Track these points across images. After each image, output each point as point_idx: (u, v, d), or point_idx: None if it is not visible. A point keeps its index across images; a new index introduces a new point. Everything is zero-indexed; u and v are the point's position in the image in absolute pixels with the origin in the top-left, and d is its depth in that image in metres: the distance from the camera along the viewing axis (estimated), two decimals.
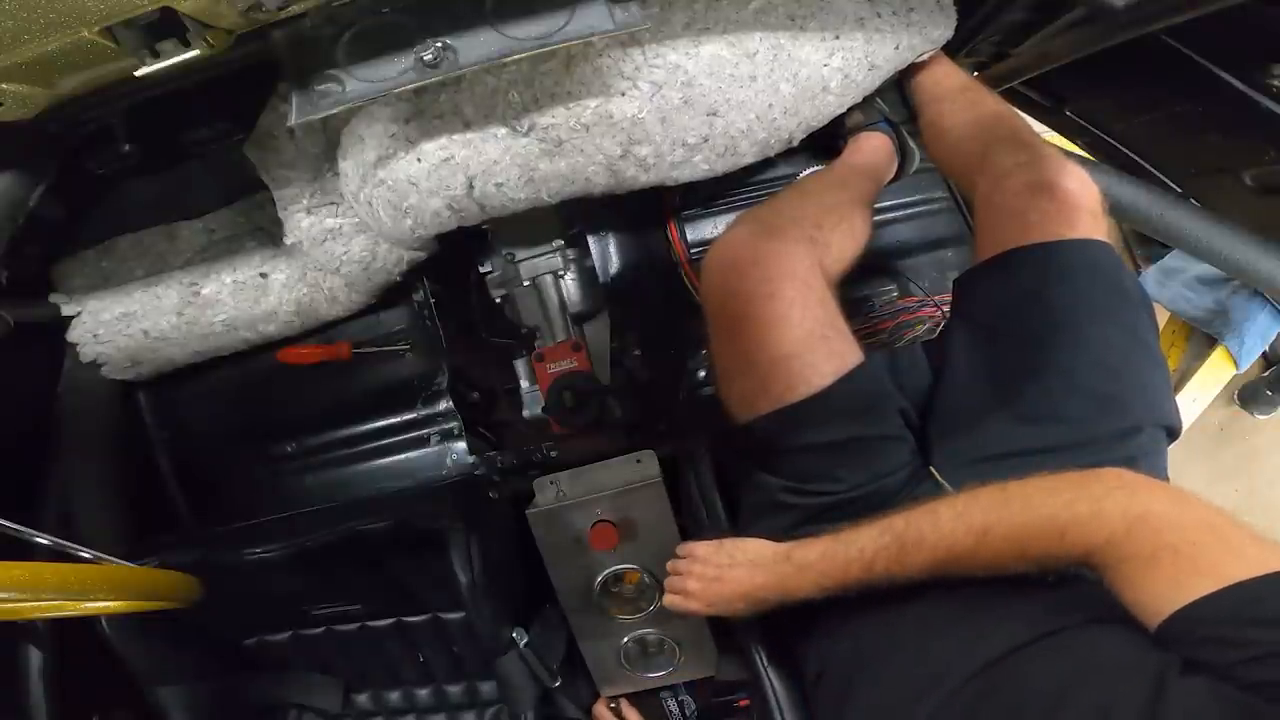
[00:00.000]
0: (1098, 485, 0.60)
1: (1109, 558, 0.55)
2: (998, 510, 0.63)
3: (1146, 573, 0.53)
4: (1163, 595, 0.51)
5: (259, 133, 0.97)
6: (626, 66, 0.86)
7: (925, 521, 0.66)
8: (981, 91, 1.03)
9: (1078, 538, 0.58)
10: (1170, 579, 0.51)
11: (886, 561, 0.68)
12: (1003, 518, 0.63)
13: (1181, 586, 0.50)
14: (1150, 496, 0.57)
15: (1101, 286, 0.77)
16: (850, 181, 1.03)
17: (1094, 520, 0.57)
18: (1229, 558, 0.50)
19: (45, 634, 1.04)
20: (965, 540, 0.64)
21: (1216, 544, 0.52)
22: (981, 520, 0.63)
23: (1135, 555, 0.54)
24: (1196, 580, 0.49)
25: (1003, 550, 0.62)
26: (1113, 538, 0.55)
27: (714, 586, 0.81)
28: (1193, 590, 0.49)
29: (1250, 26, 0.82)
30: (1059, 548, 0.59)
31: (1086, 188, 0.82)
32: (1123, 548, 0.55)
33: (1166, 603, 0.50)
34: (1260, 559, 0.49)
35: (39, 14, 0.55)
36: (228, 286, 1.09)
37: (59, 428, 1.16)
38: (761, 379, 0.80)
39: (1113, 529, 0.56)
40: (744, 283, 0.81)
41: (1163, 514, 0.55)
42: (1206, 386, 2.08)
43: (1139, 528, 0.55)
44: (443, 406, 1.26)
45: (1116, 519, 0.56)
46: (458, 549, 1.05)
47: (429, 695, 1.25)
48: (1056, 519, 0.59)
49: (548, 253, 1.23)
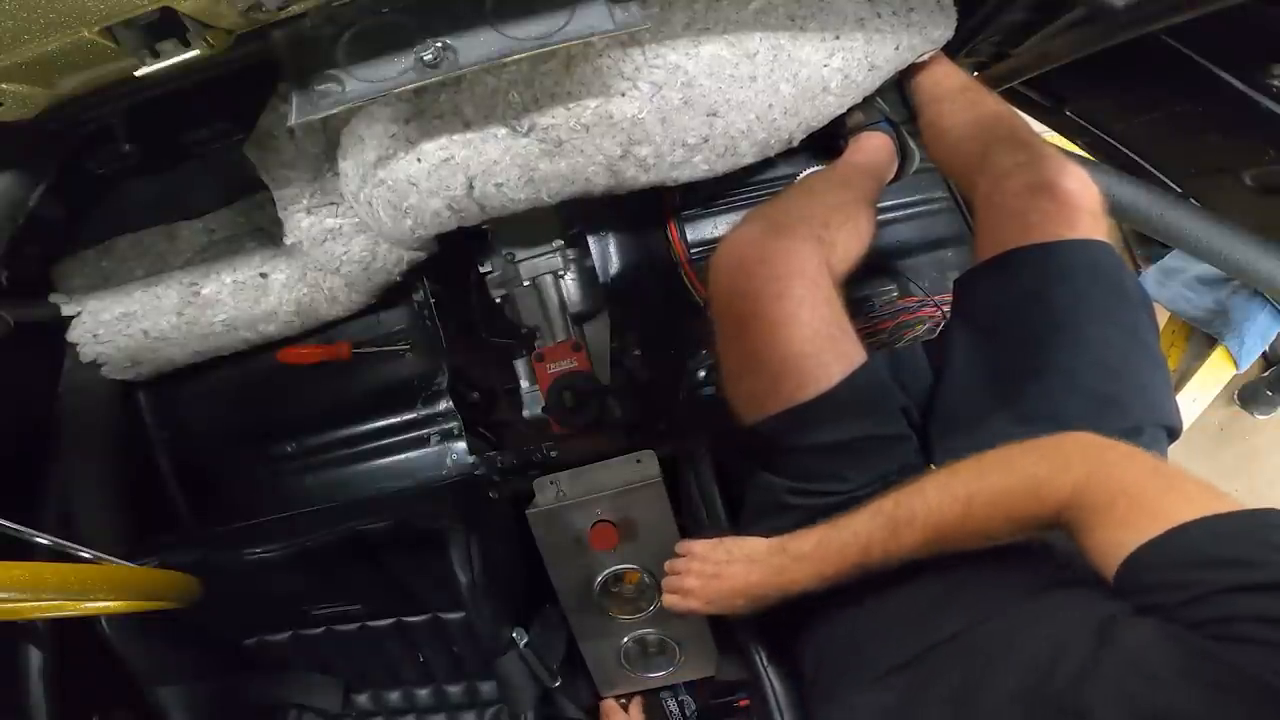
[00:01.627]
0: (1064, 444, 0.62)
1: (1075, 510, 0.57)
2: (978, 478, 0.65)
3: (1104, 519, 0.54)
4: (1117, 540, 0.52)
5: (259, 133, 0.97)
6: (626, 67, 0.86)
7: (914, 499, 0.68)
8: (981, 91, 1.03)
9: (1050, 493, 0.59)
10: (1123, 522, 0.53)
11: (882, 542, 0.69)
12: (983, 485, 0.64)
13: (1132, 528, 0.51)
14: (1106, 450, 0.59)
15: (1102, 286, 0.77)
16: (854, 181, 1.03)
17: (1062, 474, 0.59)
18: (1175, 498, 0.52)
19: (45, 634, 1.04)
20: (952, 511, 0.65)
21: (1165, 488, 0.54)
22: (964, 490, 0.65)
23: (1095, 504, 0.56)
24: (1146, 522, 0.51)
25: (988, 516, 0.64)
26: (1076, 488, 0.57)
27: (712, 584, 0.81)
28: (1142, 532, 0.50)
29: (1250, 26, 0.82)
30: (1036, 506, 0.60)
31: (1087, 188, 0.82)
32: (1084, 497, 0.57)
33: (1120, 547, 0.52)
34: (1205, 501, 0.51)
35: (39, 14, 0.55)
36: (228, 286, 1.09)
37: (59, 428, 1.16)
38: (771, 378, 0.80)
39: (1076, 479, 0.58)
40: (752, 282, 0.81)
41: (1117, 462, 0.57)
42: (1206, 386, 2.08)
43: (1098, 475, 0.57)
44: (443, 406, 1.26)
45: (1079, 470, 0.58)
46: (458, 549, 1.05)
47: (429, 695, 1.25)
48: (1030, 478, 0.61)
49: (548, 253, 1.23)
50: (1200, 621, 0.45)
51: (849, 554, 0.71)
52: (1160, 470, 0.56)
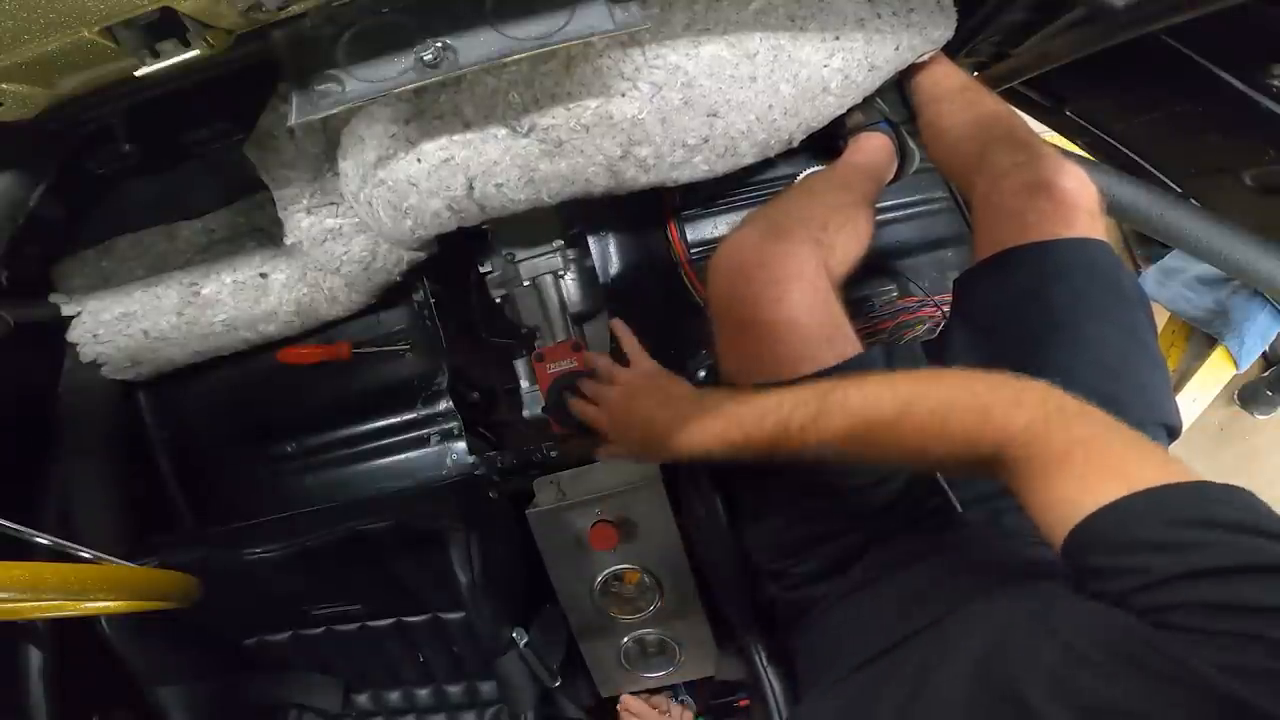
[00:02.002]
0: (1027, 384, 0.59)
1: (1020, 451, 0.54)
2: (927, 383, 0.62)
3: (1055, 470, 0.52)
4: (1068, 499, 0.49)
5: (259, 133, 0.97)
6: (626, 67, 0.86)
7: (852, 384, 0.65)
8: (981, 91, 1.03)
9: (997, 422, 0.56)
10: (1077, 476, 0.50)
11: (802, 419, 0.66)
12: (930, 391, 0.61)
13: (1085, 486, 0.49)
14: (1067, 400, 0.56)
15: (1099, 286, 0.77)
16: (853, 182, 1.03)
17: (1015, 406, 0.56)
18: (1133, 457, 0.50)
19: (45, 634, 1.04)
20: (887, 409, 0.62)
21: (1123, 445, 0.51)
22: (909, 391, 0.62)
23: (1046, 451, 0.53)
24: (1099, 481, 0.48)
25: (924, 425, 0.60)
26: (1028, 427, 0.55)
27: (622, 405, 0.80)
28: (1095, 492, 0.48)
29: (1250, 26, 0.82)
30: (978, 431, 0.57)
31: (1084, 187, 0.82)
32: (1035, 442, 0.54)
33: (1071, 507, 0.49)
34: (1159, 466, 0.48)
35: (39, 14, 0.55)
36: (228, 286, 1.09)
37: (59, 428, 1.16)
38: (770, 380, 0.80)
39: (1031, 415, 0.55)
40: (751, 286, 0.81)
41: (1077, 413, 0.55)
42: (1206, 386, 2.08)
43: (1056, 417, 0.54)
44: (443, 406, 1.26)
45: (1035, 410, 0.55)
46: (458, 549, 1.05)
47: (429, 695, 1.25)
48: (982, 397, 0.58)
49: (548, 253, 1.23)
50: (1147, 608, 0.43)
51: (766, 423, 0.68)
52: (1118, 427, 0.53)
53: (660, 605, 1.14)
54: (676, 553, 1.11)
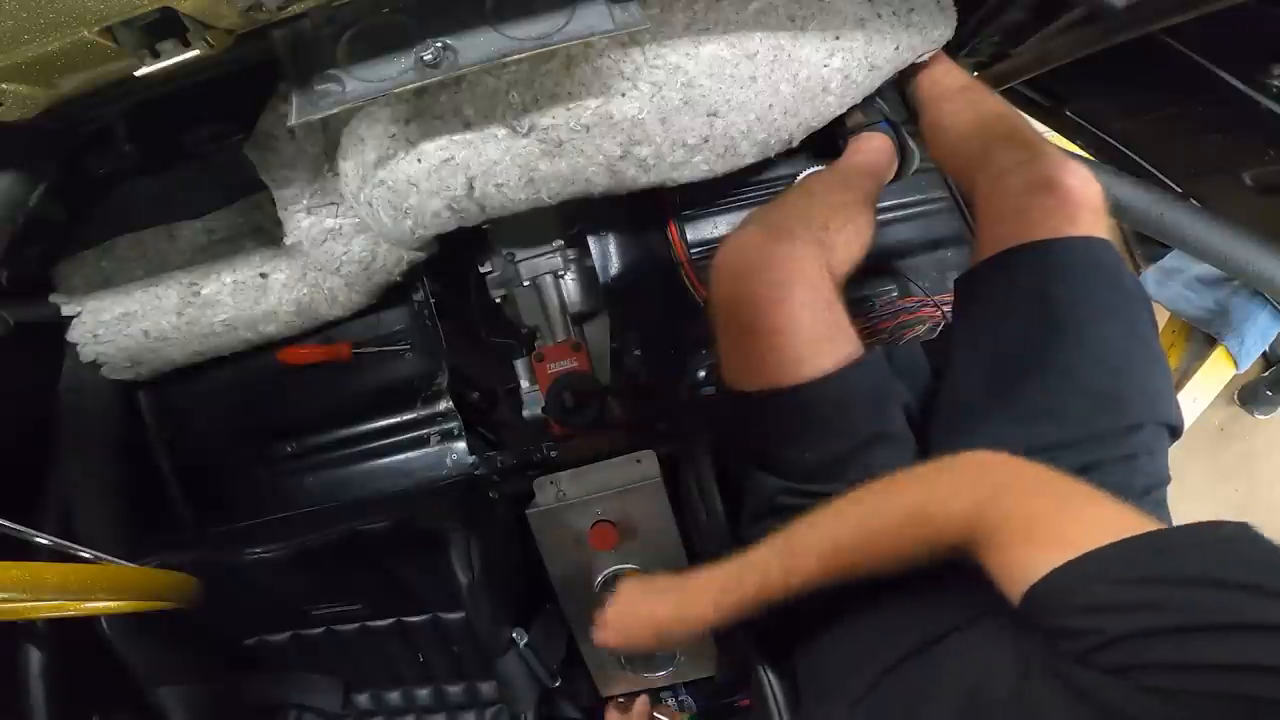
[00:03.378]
0: (956, 466, 0.61)
1: (973, 536, 0.56)
2: (872, 503, 0.65)
3: (1001, 545, 0.53)
4: (1017, 569, 0.51)
5: (259, 133, 0.97)
6: (626, 67, 0.86)
7: (809, 527, 0.68)
8: (982, 91, 1.03)
9: (941, 521, 0.58)
10: (1021, 549, 0.51)
11: (780, 571, 0.68)
12: (877, 509, 0.64)
13: (1030, 556, 0.50)
14: (999, 470, 0.58)
15: (1102, 285, 0.77)
16: (854, 181, 1.03)
17: (953, 500, 0.58)
18: (1071, 522, 0.51)
19: (45, 634, 1.04)
20: (849, 538, 0.64)
21: (1060, 511, 0.52)
22: (858, 516, 0.65)
23: (990, 531, 0.54)
24: (1043, 550, 0.49)
25: (884, 543, 0.63)
26: (968, 515, 0.56)
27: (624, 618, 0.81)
28: (1040, 561, 0.49)
29: (1250, 26, 0.82)
30: (930, 534, 0.59)
31: (1089, 185, 0.81)
32: (979, 524, 0.55)
33: (1021, 574, 0.50)
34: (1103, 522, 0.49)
35: (39, 14, 0.55)
36: (228, 286, 1.09)
37: (59, 428, 1.16)
38: (771, 382, 0.80)
39: (967, 506, 0.56)
40: (752, 287, 0.81)
41: (1010, 485, 0.56)
42: (1206, 386, 2.08)
43: (990, 501, 0.55)
44: (443, 406, 1.26)
45: (968, 497, 0.57)
46: (458, 549, 1.05)
47: (429, 695, 1.25)
48: (921, 504, 0.60)
49: (548, 253, 1.23)
50: (1109, 668, 0.43)
51: (747, 585, 0.70)
52: (1056, 489, 0.54)
53: None
54: (676, 553, 1.10)
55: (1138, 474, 0.71)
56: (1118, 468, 0.70)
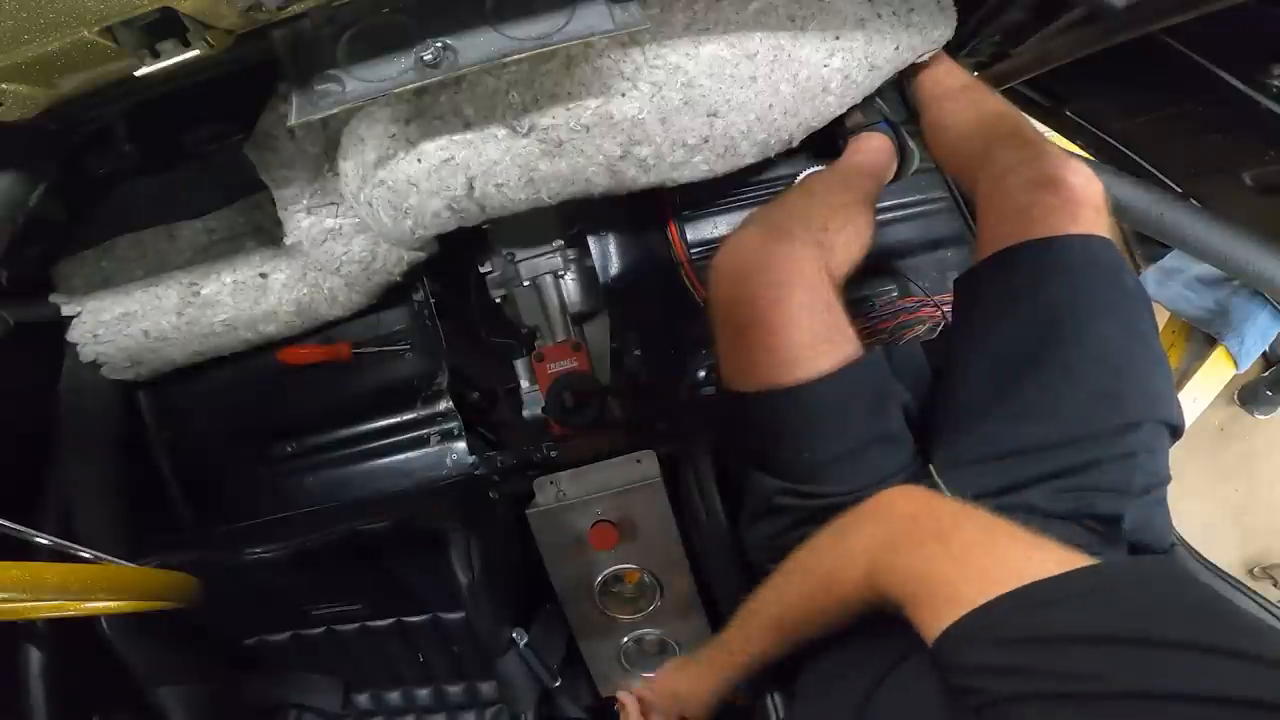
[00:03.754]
0: (852, 521, 0.64)
1: (879, 595, 0.58)
2: (789, 574, 0.70)
3: (905, 606, 0.55)
4: (925, 626, 0.52)
5: (259, 133, 0.97)
6: (626, 67, 0.86)
7: (755, 599, 0.74)
8: (983, 90, 1.03)
9: (844, 582, 0.61)
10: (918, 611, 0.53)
11: (741, 641, 0.75)
12: (792, 582, 0.69)
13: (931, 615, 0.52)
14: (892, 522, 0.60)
15: (1102, 283, 0.77)
16: (853, 182, 1.03)
17: (849, 561, 0.61)
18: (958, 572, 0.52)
19: (45, 634, 1.04)
20: (778, 609, 0.70)
21: (948, 563, 0.53)
22: (781, 587, 0.70)
23: (890, 591, 0.56)
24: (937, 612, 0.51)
25: (814, 612, 0.67)
26: (868, 576, 0.59)
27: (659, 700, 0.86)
28: (938, 620, 0.50)
29: (1250, 26, 0.82)
30: (840, 595, 0.63)
31: (1090, 183, 0.81)
32: (878, 586, 0.58)
33: (925, 635, 0.52)
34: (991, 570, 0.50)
35: (39, 14, 0.55)
36: (228, 286, 1.09)
37: (59, 428, 1.16)
38: (770, 382, 0.80)
39: (864, 569, 0.59)
40: (752, 287, 0.81)
41: (902, 543, 0.58)
42: (1206, 386, 2.08)
43: (883, 562, 0.58)
44: (443, 406, 1.26)
45: (862, 553, 0.60)
46: (458, 549, 1.05)
47: (429, 695, 1.25)
48: (828, 572, 0.64)
49: (548, 253, 1.23)
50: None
51: (720, 658, 0.78)
52: (949, 535, 0.55)
53: (660, 605, 1.14)
54: (676, 553, 1.10)
55: (1137, 472, 0.71)
56: (1116, 466, 0.71)
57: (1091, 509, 0.70)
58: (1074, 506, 0.70)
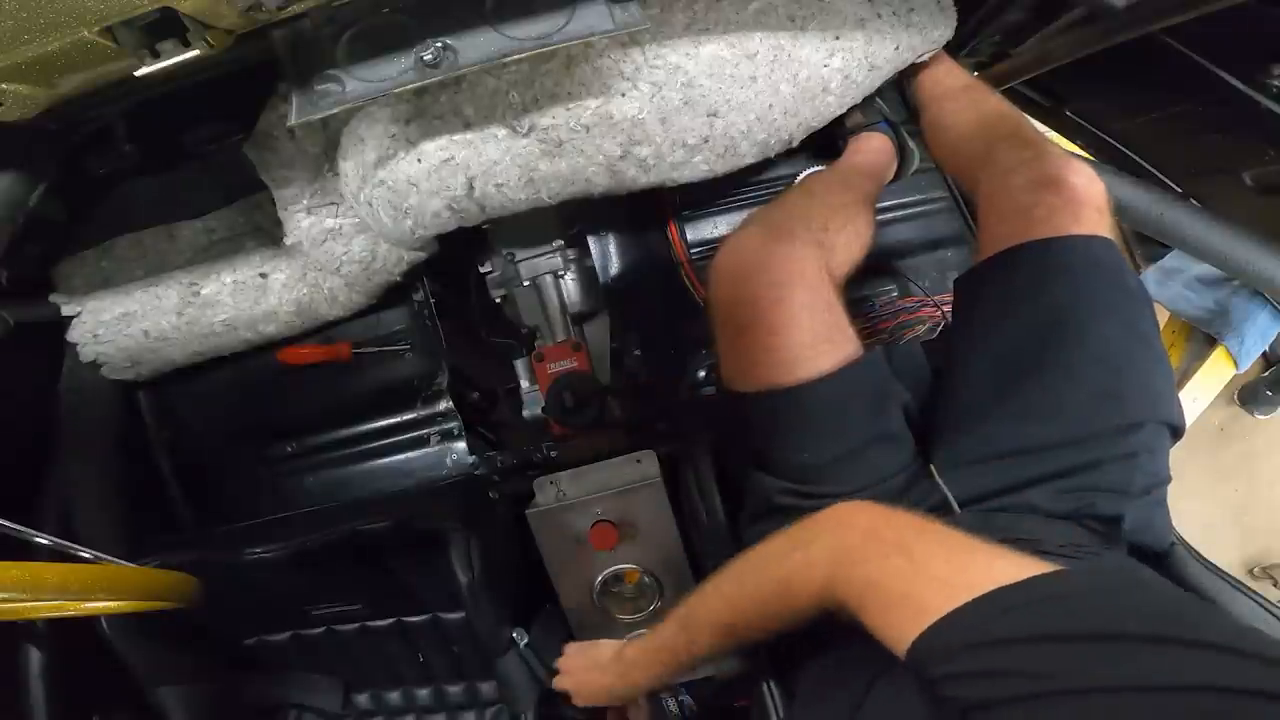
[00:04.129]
0: (808, 531, 0.63)
1: (834, 602, 0.58)
2: (738, 579, 0.69)
3: (863, 614, 0.55)
4: (887, 636, 0.52)
5: (259, 133, 0.97)
6: (626, 67, 0.86)
7: (699, 602, 0.73)
8: (984, 90, 1.03)
9: (799, 589, 0.61)
10: (881, 618, 0.53)
11: (685, 645, 0.74)
12: (743, 585, 0.68)
13: (892, 625, 0.52)
14: (851, 532, 0.59)
15: (1104, 283, 0.77)
16: (854, 182, 1.03)
17: (806, 569, 0.60)
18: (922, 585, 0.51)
19: (45, 634, 1.04)
20: (728, 613, 0.69)
21: (910, 573, 0.53)
22: (731, 590, 0.69)
23: (848, 600, 0.56)
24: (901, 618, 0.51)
25: (757, 615, 0.66)
26: (824, 585, 0.58)
27: (582, 686, 0.90)
28: (902, 628, 0.50)
29: (1250, 26, 0.82)
30: (793, 602, 0.62)
31: (1092, 183, 0.81)
32: (835, 595, 0.57)
33: (892, 642, 0.51)
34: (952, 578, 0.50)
35: (39, 14, 0.55)
36: (228, 286, 1.09)
37: (59, 428, 1.16)
38: (770, 382, 0.80)
39: (822, 577, 0.59)
40: (752, 287, 0.81)
41: (858, 549, 0.57)
42: (1206, 386, 2.08)
43: (841, 571, 0.57)
44: (443, 406, 1.26)
45: (822, 563, 0.59)
46: (458, 549, 1.05)
47: (429, 695, 1.25)
48: (784, 578, 0.63)
49: (548, 253, 1.23)
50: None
51: (664, 657, 0.77)
52: (904, 547, 0.54)
53: (660, 605, 1.14)
54: (676, 553, 1.10)
55: (1138, 473, 0.71)
56: (1117, 466, 0.71)
57: (1092, 509, 0.70)
58: (1075, 507, 0.70)
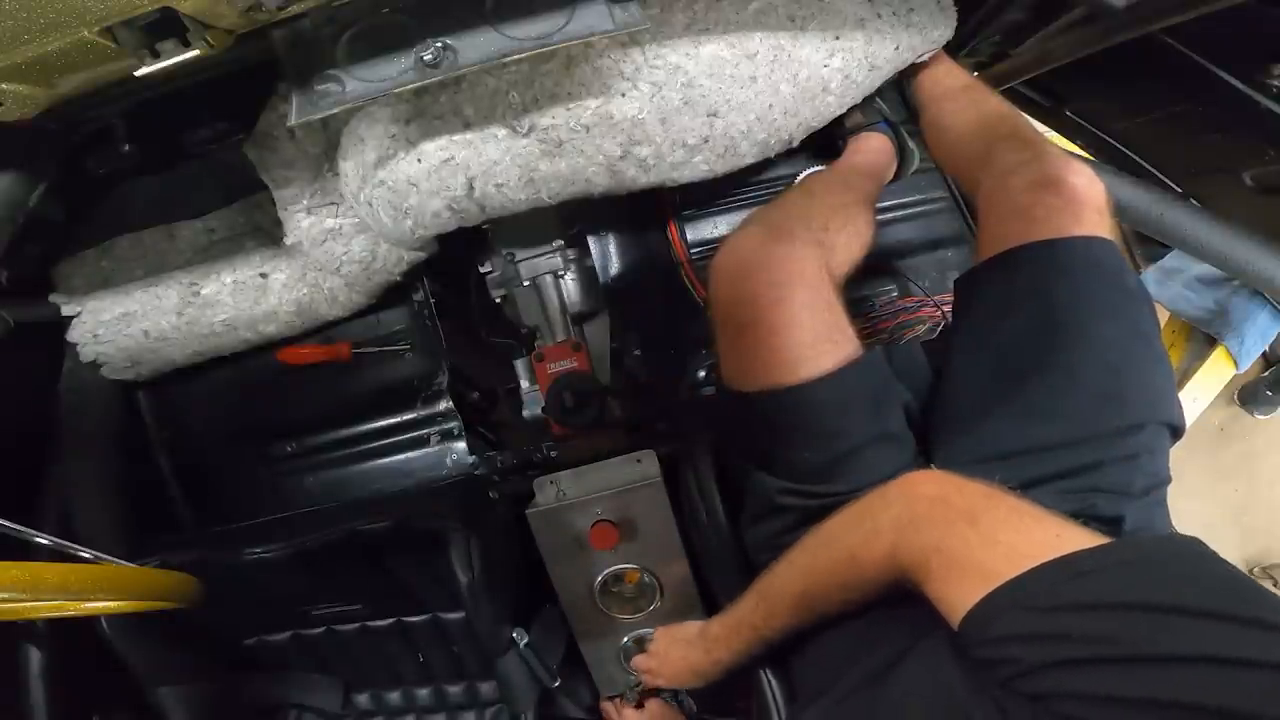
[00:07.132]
0: (878, 501, 0.64)
1: (901, 573, 0.58)
2: (811, 550, 0.70)
3: (926, 580, 0.55)
4: (946, 602, 0.53)
5: (259, 133, 0.97)
6: (626, 67, 0.86)
7: (773, 576, 0.74)
8: (984, 90, 1.03)
9: (870, 564, 0.61)
10: (944, 583, 0.54)
11: (763, 618, 0.76)
12: (816, 556, 0.69)
13: (954, 590, 0.52)
14: (917, 504, 0.60)
15: (1104, 284, 0.77)
16: (853, 182, 1.03)
17: (874, 537, 0.61)
18: (987, 552, 0.52)
19: (45, 634, 1.04)
20: (800, 586, 0.70)
21: (976, 539, 0.53)
22: (804, 563, 0.70)
23: (913, 567, 0.57)
24: (964, 583, 0.51)
25: (826, 588, 0.68)
26: (890, 554, 0.59)
27: (666, 666, 0.93)
28: (965, 593, 0.51)
29: (1250, 26, 0.82)
30: (863, 574, 0.63)
31: (1093, 184, 0.81)
32: (901, 562, 0.58)
33: (950, 609, 0.52)
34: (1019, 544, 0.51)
35: (39, 14, 0.55)
36: (228, 286, 1.09)
37: (59, 428, 1.16)
38: (767, 383, 0.80)
39: (886, 546, 0.59)
40: (752, 287, 0.81)
41: (926, 517, 0.58)
42: (1206, 386, 2.08)
43: (906, 537, 0.58)
44: (443, 406, 1.26)
45: (887, 536, 0.60)
46: (458, 549, 1.05)
47: (429, 695, 1.25)
48: (850, 549, 0.64)
49: (548, 253, 1.23)
50: (1031, 694, 0.45)
51: (744, 633, 0.79)
52: (977, 513, 0.55)
53: (660, 605, 1.14)
54: (676, 553, 1.11)
55: (1138, 474, 0.71)
56: (1118, 467, 0.71)
57: (1093, 510, 0.70)
58: (1075, 507, 0.70)
